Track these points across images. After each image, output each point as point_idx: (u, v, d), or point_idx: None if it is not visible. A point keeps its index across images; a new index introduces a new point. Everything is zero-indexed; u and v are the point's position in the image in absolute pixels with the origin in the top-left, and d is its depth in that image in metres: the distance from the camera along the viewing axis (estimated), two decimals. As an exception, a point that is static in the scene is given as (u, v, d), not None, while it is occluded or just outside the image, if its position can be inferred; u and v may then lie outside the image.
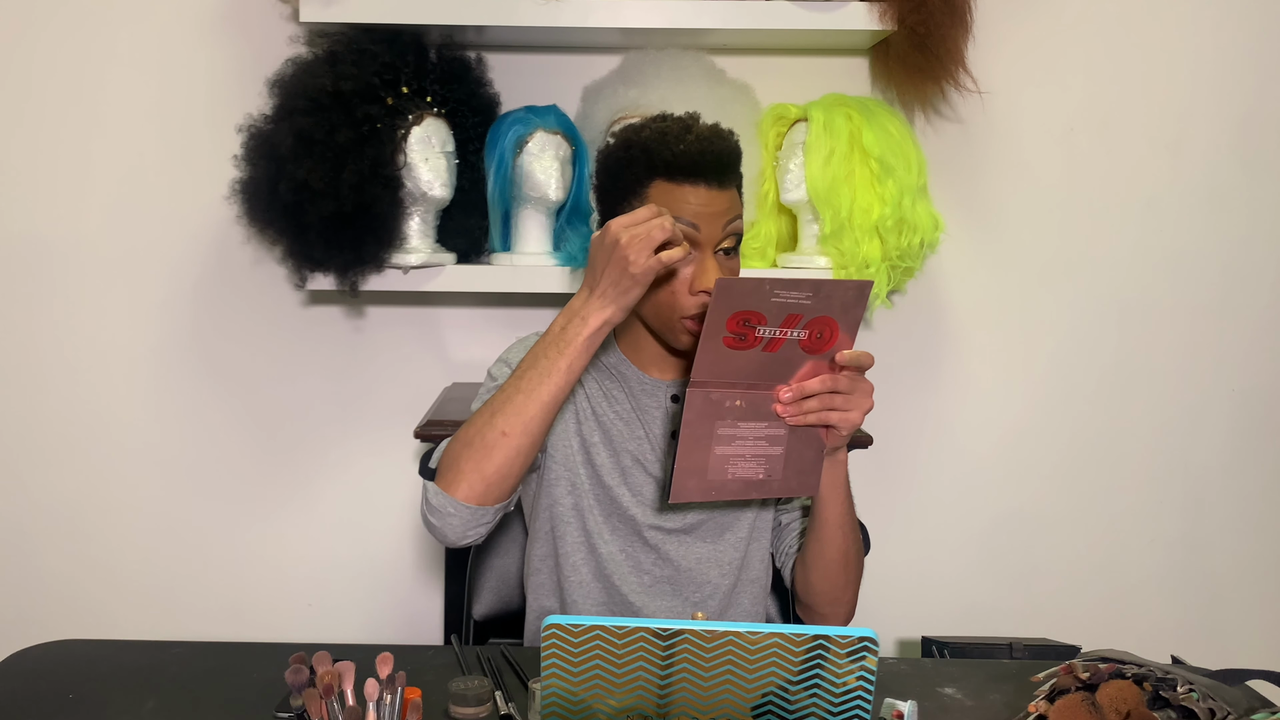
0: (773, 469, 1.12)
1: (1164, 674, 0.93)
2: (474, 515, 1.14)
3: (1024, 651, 1.68)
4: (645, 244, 1.05)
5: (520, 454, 1.13)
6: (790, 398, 1.09)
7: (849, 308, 1.05)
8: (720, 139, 1.18)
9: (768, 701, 0.82)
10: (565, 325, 1.11)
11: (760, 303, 1.01)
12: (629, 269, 1.06)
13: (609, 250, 1.07)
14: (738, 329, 1.03)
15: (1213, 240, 1.92)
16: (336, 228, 1.60)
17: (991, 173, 1.89)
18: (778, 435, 1.11)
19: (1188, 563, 2.00)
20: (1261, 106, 1.89)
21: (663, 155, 1.15)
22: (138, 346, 1.89)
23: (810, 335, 1.06)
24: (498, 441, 1.12)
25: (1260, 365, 1.96)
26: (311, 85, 1.60)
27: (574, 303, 1.12)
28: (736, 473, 1.11)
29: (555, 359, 1.11)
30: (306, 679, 0.92)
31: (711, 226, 1.16)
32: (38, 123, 1.83)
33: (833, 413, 1.09)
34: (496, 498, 1.14)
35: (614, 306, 1.09)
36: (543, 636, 0.79)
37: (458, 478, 1.13)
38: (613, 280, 1.08)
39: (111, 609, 1.94)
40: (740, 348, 1.04)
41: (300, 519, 1.94)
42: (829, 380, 1.09)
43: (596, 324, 1.10)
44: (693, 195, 1.15)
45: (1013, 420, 1.96)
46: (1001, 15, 1.83)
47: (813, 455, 1.13)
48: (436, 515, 1.15)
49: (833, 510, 1.18)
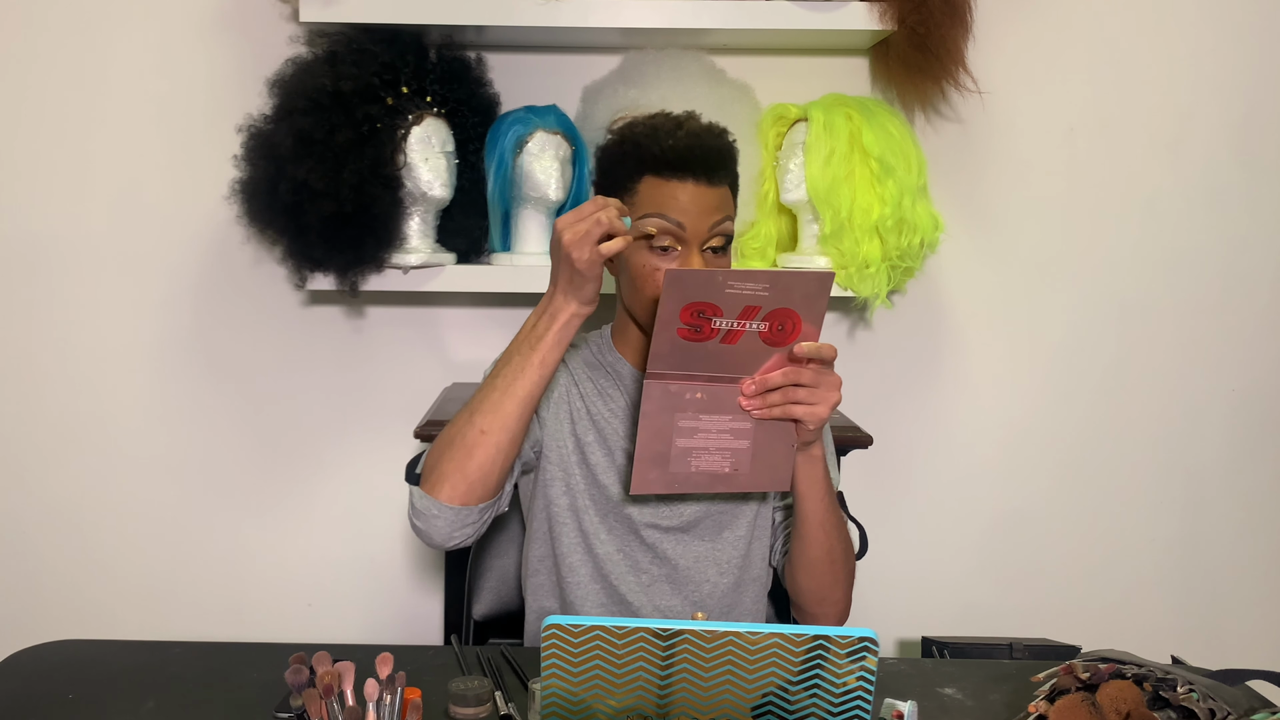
0: (739, 463, 1.11)
1: (1164, 674, 0.93)
2: (458, 516, 1.14)
3: (1024, 651, 1.68)
4: (586, 240, 1.06)
5: (500, 451, 1.13)
6: (753, 390, 1.09)
7: (811, 300, 1.03)
8: (712, 136, 1.19)
9: (768, 702, 0.82)
10: (535, 323, 1.13)
11: (714, 294, 1.01)
12: (575, 265, 1.07)
13: (556, 249, 1.09)
14: (692, 320, 1.02)
15: (1213, 240, 1.92)
16: (336, 228, 1.60)
17: (991, 173, 1.89)
18: (743, 429, 1.10)
19: (1188, 563, 2.00)
20: (1261, 106, 1.89)
21: (652, 150, 1.16)
22: (138, 346, 1.89)
23: (771, 328, 1.05)
24: (477, 440, 1.12)
25: (1260, 365, 1.96)
26: (311, 85, 1.60)
27: (542, 301, 1.13)
28: (700, 465, 1.11)
29: (528, 354, 1.12)
30: (306, 679, 0.92)
31: (698, 223, 1.16)
32: (38, 122, 1.83)
33: (797, 406, 1.08)
34: (480, 497, 1.14)
35: (575, 300, 1.10)
36: (543, 636, 0.79)
37: (440, 479, 1.13)
38: (566, 277, 1.09)
39: (111, 609, 1.94)
40: (696, 339, 1.04)
41: (300, 519, 1.95)
42: (792, 373, 1.08)
43: (564, 318, 1.11)
44: (680, 191, 1.15)
45: (1012, 420, 1.96)
46: (1001, 15, 1.83)
47: (783, 450, 1.12)
48: (422, 519, 1.15)
49: (812, 507, 1.16)
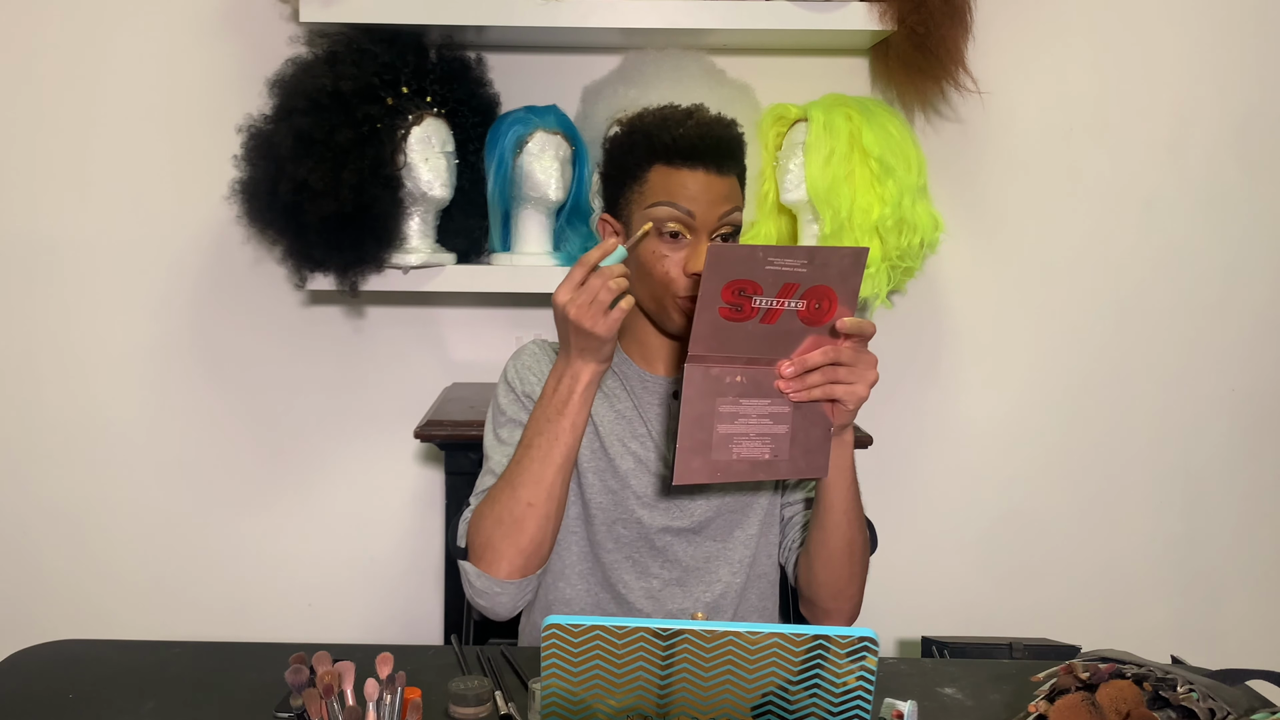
0: (779, 449, 1.09)
1: (1164, 674, 0.93)
2: (520, 588, 1.16)
3: (1024, 651, 1.68)
4: (597, 308, 1.07)
5: (549, 519, 1.14)
6: (792, 372, 1.07)
7: (846, 276, 1.03)
8: (721, 126, 1.19)
9: (768, 701, 0.82)
10: (556, 387, 1.13)
11: (754, 271, 1.00)
12: (593, 332, 1.08)
13: (563, 323, 1.09)
14: (733, 299, 1.01)
15: (1213, 240, 1.92)
16: (336, 228, 1.60)
17: (991, 173, 1.89)
18: (782, 413, 1.08)
19: (1188, 563, 2.00)
20: (1261, 106, 1.89)
21: (662, 139, 1.16)
22: (138, 347, 1.89)
23: (809, 306, 1.03)
24: (525, 514, 1.13)
25: (1260, 365, 1.96)
26: (311, 85, 1.60)
27: (558, 365, 1.14)
28: (742, 452, 1.08)
29: (557, 420, 1.13)
30: (306, 679, 0.92)
31: (708, 212, 1.16)
32: (38, 122, 1.83)
33: (837, 386, 1.07)
34: (537, 565, 1.16)
35: (593, 361, 1.12)
36: (543, 636, 0.79)
37: (496, 557, 1.14)
38: (581, 346, 1.10)
39: (111, 609, 1.94)
40: (737, 319, 1.03)
41: (300, 519, 1.94)
42: (831, 352, 1.06)
43: (586, 379, 1.12)
44: (691, 180, 1.15)
45: (1012, 420, 1.96)
46: (1001, 15, 1.83)
47: (819, 434, 1.10)
48: (484, 597, 1.16)
49: (838, 495, 1.15)
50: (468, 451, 1.61)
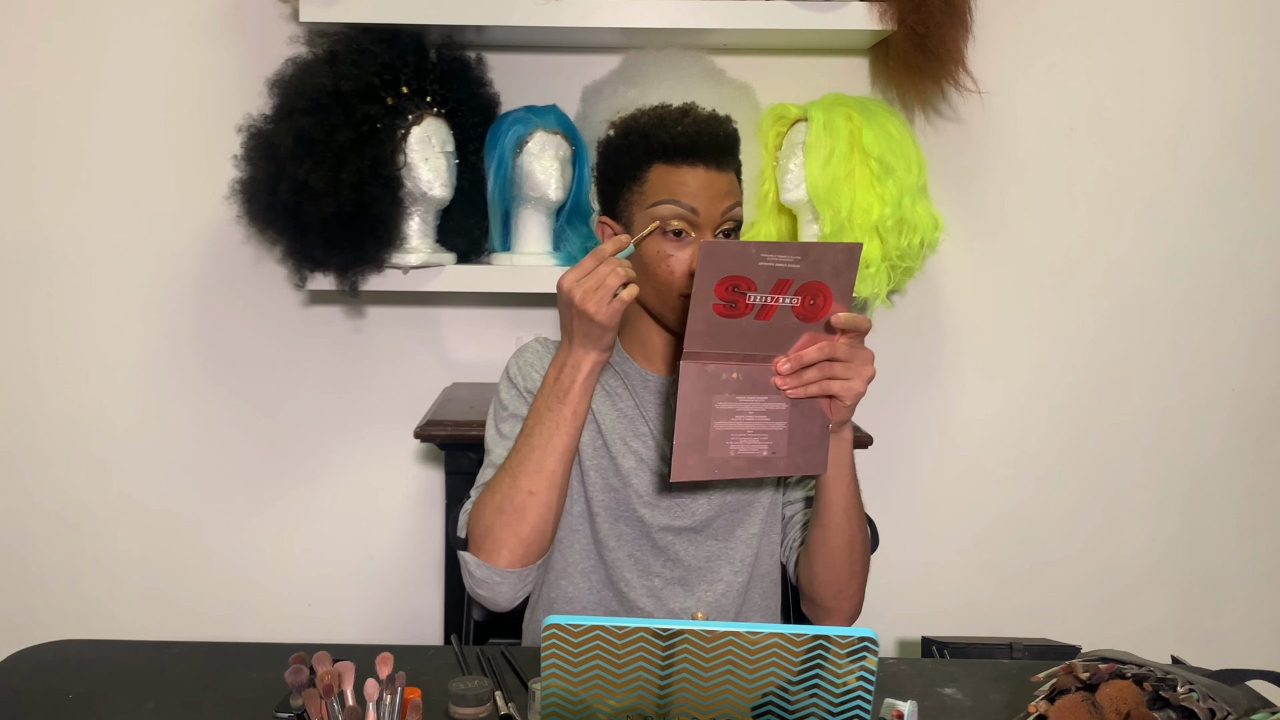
0: (776, 446, 1.09)
1: (1164, 674, 0.93)
2: (521, 578, 1.16)
3: (1024, 651, 1.68)
4: (603, 293, 1.07)
5: (550, 508, 1.15)
6: (788, 368, 1.07)
7: (840, 271, 1.03)
8: (717, 122, 1.19)
9: (768, 702, 0.82)
10: (558, 376, 1.14)
11: (748, 266, 1.00)
12: (594, 319, 1.08)
13: (567, 307, 1.09)
14: (727, 295, 1.01)
15: (1213, 240, 1.92)
16: (336, 228, 1.60)
17: (991, 173, 1.89)
18: (779, 410, 1.08)
19: (1188, 563, 2.00)
20: (1261, 106, 1.89)
21: (660, 138, 1.16)
22: (137, 347, 1.89)
23: (803, 302, 1.03)
24: (527, 502, 1.13)
25: (1260, 365, 1.96)
26: (311, 85, 1.60)
27: (559, 354, 1.14)
28: (739, 449, 1.08)
29: (559, 409, 1.13)
30: (306, 679, 0.92)
31: (711, 208, 1.16)
32: (37, 122, 1.83)
33: (833, 382, 1.07)
34: (537, 555, 1.16)
35: (595, 350, 1.12)
36: (543, 636, 0.79)
37: (497, 546, 1.14)
38: (583, 333, 1.10)
39: (111, 609, 1.94)
40: (732, 315, 1.02)
41: (300, 519, 1.94)
42: (827, 348, 1.06)
43: (587, 368, 1.13)
44: (691, 177, 1.16)
45: (1012, 420, 1.96)
46: (1001, 15, 1.83)
47: (817, 431, 1.10)
48: (484, 586, 1.16)
49: (838, 493, 1.15)
50: (468, 451, 1.61)
